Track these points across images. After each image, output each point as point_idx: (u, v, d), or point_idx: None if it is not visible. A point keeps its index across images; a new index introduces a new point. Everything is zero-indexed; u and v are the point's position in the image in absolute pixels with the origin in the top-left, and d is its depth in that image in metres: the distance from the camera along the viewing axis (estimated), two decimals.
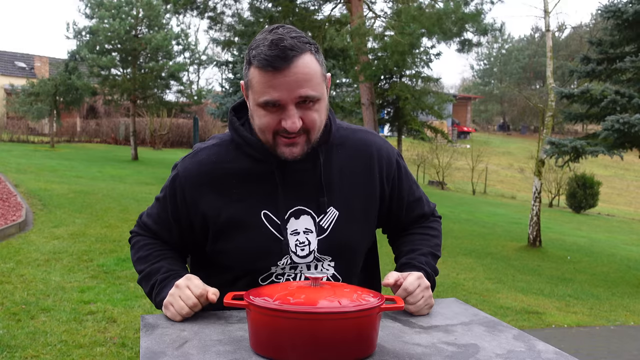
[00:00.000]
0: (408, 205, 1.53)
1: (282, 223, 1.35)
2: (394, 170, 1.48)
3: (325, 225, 1.38)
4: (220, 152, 1.39)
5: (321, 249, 1.37)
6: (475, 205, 17.95)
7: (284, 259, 1.36)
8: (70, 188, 11.01)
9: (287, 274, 1.38)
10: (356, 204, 1.41)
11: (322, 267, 1.40)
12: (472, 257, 8.91)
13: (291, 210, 1.36)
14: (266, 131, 1.30)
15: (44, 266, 5.75)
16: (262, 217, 1.35)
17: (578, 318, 5.90)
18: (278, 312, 1.05)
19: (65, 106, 22.23)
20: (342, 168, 1.40)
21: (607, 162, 29.59)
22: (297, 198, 1.36)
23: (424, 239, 1.53)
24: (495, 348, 1.17)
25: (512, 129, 50.94)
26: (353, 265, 1.47)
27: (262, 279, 1.39)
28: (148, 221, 1.48)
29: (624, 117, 7.84)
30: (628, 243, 13.49)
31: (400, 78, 19.30)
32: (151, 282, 1.36)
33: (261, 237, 1.34)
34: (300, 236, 1.36)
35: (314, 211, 1.37)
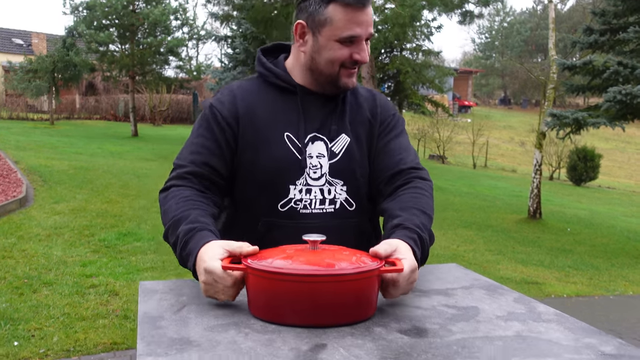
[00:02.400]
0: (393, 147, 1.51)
1: (302, 145, 1.45)
2: (389, 115, 1.58)
3: (337, 150, 1.48)
4: (249, 85, 1.52)
5: (332, 173, 1.46)
6: (476, 179, 17.94)
7: (301, 178, 1.44)
8: (71, 164, 10.99)
9: (304, 199, 1.44)
10: (363, 134, 1.51)
11: (335, 192, 1.46)
12: (472, 229, 8.93)
13: (310, 135, 1.47)
14: (335, 63, 1.42)
15: (45, 241, 5.76)
16: (284, 137, 1.45)
17: (577, 288, 5.92)
18: (277, 275, 1.04)
19: (64, 83, 22.09)
20: (352, 105, 1.54)
21: (608, 134, 29.51)
22: (315, 126, 1.48)
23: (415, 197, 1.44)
24: (495, 310, 1.16)
25: (514, 103, 50.67)
26: (363, 195, 1.51)
27: (281, 205, 1.43)
28: (189, 156, 1.44)
29: (627, 88, 7.77)
30: (628, 215, 13.51)
31: (400, 51, 19.11)
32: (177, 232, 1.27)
33: (283, 153, 1.44)
34: (313, 160, 1.46)
35: (327, 137, 1.48)
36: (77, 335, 3.56)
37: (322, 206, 1.45)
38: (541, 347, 0.97)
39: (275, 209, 1.43)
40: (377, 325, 1.05)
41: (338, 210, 1.46)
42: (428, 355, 0.92)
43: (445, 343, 0.97)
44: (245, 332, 1.00)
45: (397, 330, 1.03)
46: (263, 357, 0.89)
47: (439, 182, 15.65)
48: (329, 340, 0.97)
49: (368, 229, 1.53)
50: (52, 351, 3.35)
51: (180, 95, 29.35)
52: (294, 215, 1.43)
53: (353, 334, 1.01)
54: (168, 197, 1.39)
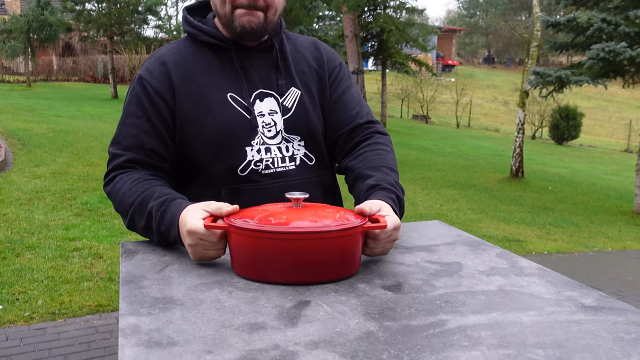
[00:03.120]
0: (346, 101, 1.48)
1: (248, 104, 1.37)
2: (336, 66, 1.52)
3: (289, 105, 1.41)
4: (178, 47, 1.41)
5: (288, 129, 1.40)
6: (459, 139, 18.01)
7: (256, 138, 1.36)
8: (50, 127, 10.81)
9: (265, 159, 1.36)
10: (313, 86, 1.45)
11: (293, 148, 1.40)
12: (455, 188, 9.00)
13: (255, 92, 1.38)
14: (226, 2, 1.32)
15: (26, 205, 5.70)
16: (228, 98, 1.36)
17: (558, 245, 6.03)
18: (259, 233, 1.03)
19: (40, 43, 21.54)
20: (293, 56, 1.46)
21: (590, 93, 29.67)
22: (259, 82, 1.39)
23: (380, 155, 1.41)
24: (478, 265, 1.17)
25: (497, 62, 50.55)
26: (320, 148, 1.46)
27: (241, 170, 1.35)
28: (124, 142, 1.33)
29: (610, 45, 7.77)
30: (608, 173, 13.71)
31: (384, 9, 18.85)
32: (147, 211, 1.21)
33: (230, 116, 1.34)
34: (266, 117, 1.38)
35: (276, 92, 1.40)
36: (62, 298, 3.56)
37: (284, 164, 1.39)
38: (523, 300, 0.98)
39: (235, 175, 1.35)
40: (360, 282, 1.05)
41: (299, 166, 1.40)
42: (412, 310, 0.92)
43: (428, 298, 0.98)
44: (228, 291, 0.99)
45: (380, 287, 1.03)
46: (247, 314, 0.89)
47: (422, 142, 15.68)
48: (312, 297, 0.97)
49: (330, 183, 1.49)
50: (37, 314, 3.35)
51: None
52: (255, 178, 1.35)
53: (337, 290, 1.01)
54: (116, 186, 1.29)
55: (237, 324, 0.86)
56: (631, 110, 29.43)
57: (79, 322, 3.29)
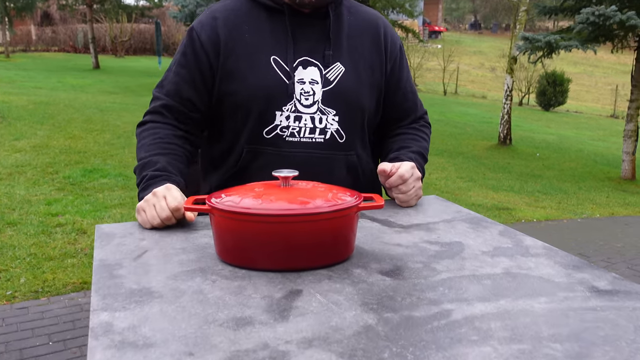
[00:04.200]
0: (405, 92, 1.52)
1: (290, 69, 1.36)
2: (397, 51, 1.50)
3: (332, 78, 1.38)
4: (234, 5, 1.42)
5: (325, 101, 1.38)
6: (447, 106, 17.91)
7: (289, 105, 1.35)
8: (30, 99, 10.55)
9: (292, 127, 1.36)
10: (362, 64, 1.42)
11: (327, 121, 1.38)
12: (443, 157, 8.95)
13: (299, 59, 1.37)
14: None
15: (6, 180, 5.55)
16: (271, 61, 1.36)
17: (547, 212, 6.02)
18: (245, 216, 0.94)
19: (17, 13, 20.96)
20: (350, 30, 1.43)
21: (577, 58, 29.59)
22: (306, 49, 1.38)
23: (415, 139, 1.51)
24: (480, 245, 1.09)
25: (484, 28, 50.17)
26: (358, 127, 1.44)
27: (267, 132, 1.36)
28: (166, 87, 1.41)
29: (600, 9, 7.65)
30: (595, 139, 13.73)
31: None
32: (142, 174, 1.30)
33: (268, 79, 1.35)
34: (306, 85, 1.36)
35: (320, 63, 1.38)
36: (45, 276, 3.47)
37: (312, 135, 1.37)
38: (533, 285, 0.90)
39: (260, 135, 1.36)
40: (355, 267, 0.97)
41: (328, 140, 1.38)
42: (413, 299, 0.84)
43: (430, 284, 0.90)
44: (212, 280, 0.91)
45: (377, 272, 0.95)
46: (232, 307, 0.81)
47: None
48: (304, 286, 0.89)
49: (357, 165, 1.45)
50: (19, 293, 3.26)
51: (142, 25, 28.18)
52: (279, 143, 1.36)
53: (330, 277, 0.93)
54: (143, 133, 1.38)
55: (221, 319, 0.77)
56: (617, 76, 29.41)
57: (63, 300, 3.21)
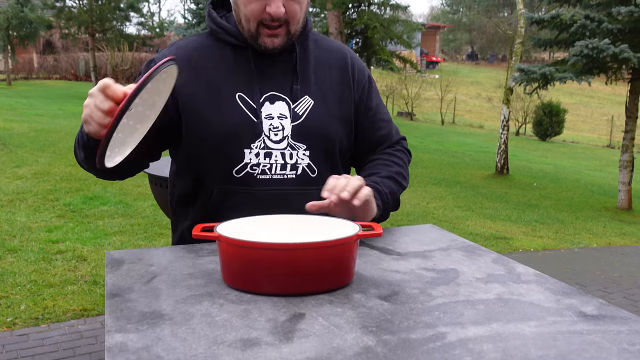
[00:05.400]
0: (375, 121, 1.50)
1: (257, 106, 1.35)
2: (365, 81, 1.49)
3: (300, 112, 1.38)
4: (199, 40, 1.42)
5: (295, 136, 1.37)
6: (444, 135, 18.07)
7: (257, 142, 1.34)
8: (31, 127, 10.65)
9: (262, 164, 1.34)
10: (331, 96, 1.42)
11: (297, 156, 1.37)
12: (441, 186, 9.02)
13: (266, 95, 1.36)
14: (251, 19, 1.31)
15: (7, 207, 5.59)
16: (236, 99, 1.35)
17: (544, 242, 6.06)
18: (251, 244, 0.99)
19: (20, 41, 21.26)
20: (317, 62, 1.43)
21: (573, 89, 29.92)
22: (273, 84, 1.37)
23: (387, 164, 1.46)
24: (474, 272, 1.14)
25: (481, 58, 50.83)
26: (330, 161, 1.42)
27: (236, 171, 1.34)
28: None
29: (593, 42, 7.82)
30: (591, 169, 13.84)
31: (368, 6, 18.82)
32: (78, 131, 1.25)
33: (235, 117, 1.34)
34: (274, 121, 1.36)
35: (289, 97, 1.37)
36: (45, 303, 3.49)
37: (283, 171, 1.35)
38: (524, 309, 0.95)
39: (230, 175, 1.34)
40: (355, 292, 1.02)
41: (300, 176, 1.37)
42: (410, 322, 0.89)
43: (426, 308, 0.95)
44: (219, 303, 0.96)
45: (376, 297, 1.00)
46: (239, 329, 0.86)
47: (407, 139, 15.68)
48: (307, 310, 0.94)
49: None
50: (20, 319, 3.28)
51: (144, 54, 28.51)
52: (250, 182, 1.34)
53: (332, 301, 0.97)
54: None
55: (229, 340, 0.82)
56: (613, 106, 29.74)
57: (63, 327, 3.23)
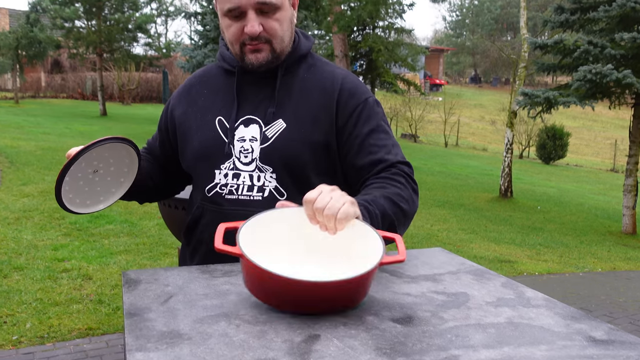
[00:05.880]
0: (365, 146, 1.40)
1: (230, 128, 1.41)
2: (357, 105, 1.42)
3: (270, 134, 1.40)
4: (207, 70, 1.56)
5: (263, 158, 1.39)
6: (448, 158, 18.10)
7: (227, 163, 1.40)
8: (38, 145, 10.73)
9: (230, 184, 1.40)
10: (307, 120, 1.40)
11: (265, 179, 1.39)
12: (445, 208, 9.03)
13: (242, 118, 1.42)
14: (234, 42, 1.38)
15: (14, 225, 5.63)
16: (216, 123, 1.44)
17: (548, 266, 6.05)
18: (270, 274, 1.00)
19: (29, 60, 21.49)
20: (302, 85, 1.44)
21: (576, 113, 30.03)
22: (251, 108, 1.42)
23: (383, 187, 1.34)
24: (484, 296, 1.16)
25: (484, 81, 51.12)
26: (301, 185, 1.36)
27: (208, 190, 1.43)
28: (149, 139, 1.66)
29: (597, 67, 7.88)
30: (595, 192, 13.83)
31: (373, 29, 19.02)
32: None
33: (209, 138, 1.42)
34: (246, 143, 1.40)
35: (262, 120, 1.41)
36: (50, 321, 3.50)
37: (250, 193, 1.38)
38: (534, 333, 0.97)
39: (203, 194, 1.44)
40: (368, 314, 1.04)
41: (267, 198, 1.37)
42: (423, 345, 0.91)
43: (438, 331, 0.97)
44: (236, 324, 0.98)
45: (389, 319, 1.02)
46: (256, 349, 0.88)
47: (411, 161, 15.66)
48: (322, 331, 0.96)
49: None
50: (25, 338, 3.29)
51: (150, 74, 28.80)
52: (219, 201, 1.40)
53: (346, 323, 0.99)
54: None
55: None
56: (616, 130, 29.81)
57: (68, 346, 3.24)
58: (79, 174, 1.33)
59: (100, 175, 1.39)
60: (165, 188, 1.65)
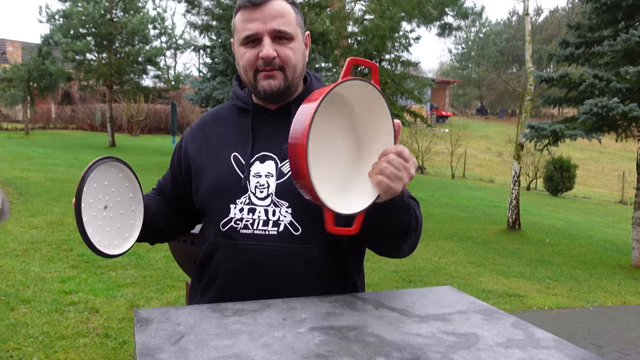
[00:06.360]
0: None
1: (246, 164, 1.44)
2: None
3: (286, 170, 1.43)
4: (221, 108, 1.60)
5: (279, 193, 1.42)
6: (455, 189, 18.08)
7: (243, 197, 1.42)
8: (47, 176, 10.82)
9: (245, 219, 1.41)
10: None
11: (280, 213, 1.41)
12: (453, 241, 8.99)
13: (258, 154, 1.45)
14: (248, 68, 1.43)
15: (22, 256, 5.64)
16: (231, 159, 1.47)
17: (558, 300, 5.99)
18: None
19: (40, 92, 21.83)
20: None
21: (583, 144, 30.05)
22: (266, 145, 1.46)
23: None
24: (494, 337, 1.16)
25: (490, 113, 51.35)
26: (317, 220, 1.32)
27: (222, 225, 1.43)
28: (160, 179, 1.68)
29: (603, 100, 7.92)
30: (604, 225, 13.73)
31: (380, 62, 19.24)
32: None
33: (225, 174, 1.45)
34: (261, 179, 1.43)
35: (277, 157, 1.44)
36: (57, 355, 3.49)
37: (265, 227, 1.40)
38: None
39: (217, 229, 1.44)
40: (379, 355, 1.04)
41: (282, 233, 1.40)
42: None
43: None
44: None
45: None
46: None
47: (418, 193, 15.74)
48: None
49: (319, 259, 1.41)
50: None
51: (159, 105, 29.16)
52: (233, 235, 1.42)
53: None
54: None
55: None
56: (623, 162, 29.76)
57: None
58: (93, 214, 1.34)
59: (112, 209, 1.39)
60: (176, 228, 1.66)
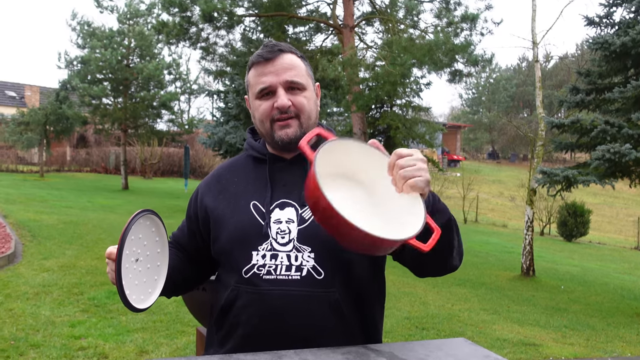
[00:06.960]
0: None
1: (267, 212, 1.47)
2: None
3: (307, 216, 1.46)
4: (235, 160, 1.64)
5: (301, 239, 1.44)
6: (468, 234, 17.93)
7: (264, 244, 1.44)
8: (60, 218, 10.89)
9: (268, 265, 1.42)
10: None
11: (302, 258, 1.42)
12: (466, 287, 8.86)
13: (277, 202, 1.48)
14: (264, 119, 1.49)
15: (33, 300, 5.64)
16: (250, 206, 1.49)
17: (575, 349, 5.84)
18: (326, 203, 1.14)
19: (56, 135, 22.22)
20: None
21: (597, 190, 29.83)
22: (284, 192, 1.50)
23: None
24: None
25: (502, 157, 51.33)
26: (339, 264, 1.44)
27: (245, 271, 1.43)
28: (175, 231, 1.69)
29: (615, 146, 7.91)
30: (620, 272, 13.49)
31: (391, 107, 19.43)
32: None
33: (246, 222, 1.47)
34: (282, 225, 1.45)
35: (297, 203, 1.47)
36: None
37: (288, 272, 1.41)
38: None
39: (240, 276, 1.45)
40: None
41: (305, 277, 1.41)
42: None
43: None
44: None
45: None
46: None
47: None
48: None
49: (341, 303, 1.43)
50: None
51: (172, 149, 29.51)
52: (256, 282, 1.43)
53: None
54: None
55: None
56: (638, 207, 29.46)
57: None
58: (126, 265, 1.32)
59: (142, 263, 1.38)
60: (193, 280, 1.66)
